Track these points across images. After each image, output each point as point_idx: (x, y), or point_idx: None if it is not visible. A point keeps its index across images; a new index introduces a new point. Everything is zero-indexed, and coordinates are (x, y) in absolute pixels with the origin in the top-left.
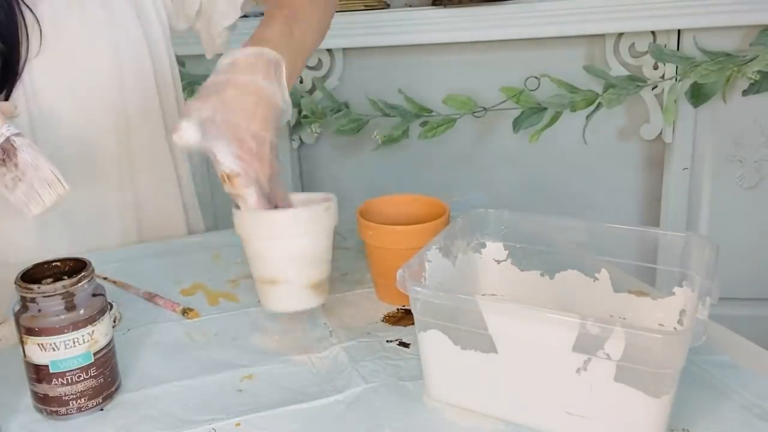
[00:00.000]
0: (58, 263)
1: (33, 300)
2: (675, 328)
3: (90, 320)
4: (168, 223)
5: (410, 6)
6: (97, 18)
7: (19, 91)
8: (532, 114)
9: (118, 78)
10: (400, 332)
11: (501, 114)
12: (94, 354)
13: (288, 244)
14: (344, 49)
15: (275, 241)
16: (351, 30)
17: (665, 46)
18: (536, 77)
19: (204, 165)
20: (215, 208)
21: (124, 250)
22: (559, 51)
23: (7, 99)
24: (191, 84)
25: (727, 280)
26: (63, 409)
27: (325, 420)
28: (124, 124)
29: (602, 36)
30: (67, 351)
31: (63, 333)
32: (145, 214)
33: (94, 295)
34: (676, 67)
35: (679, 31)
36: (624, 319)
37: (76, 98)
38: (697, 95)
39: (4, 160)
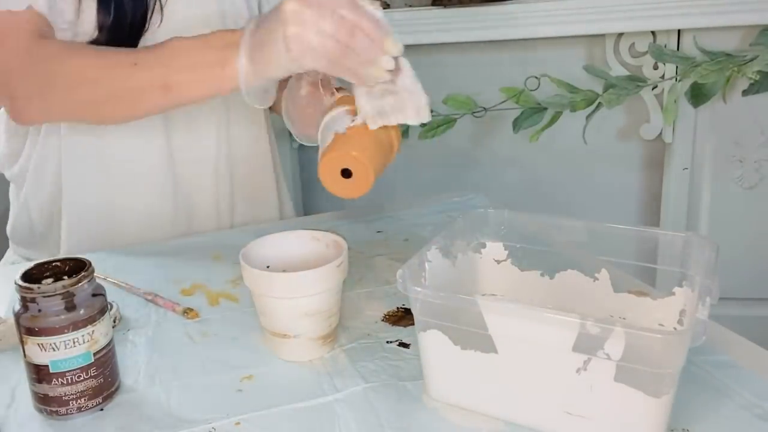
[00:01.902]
0: (58, 263)
1: (33, 300)
2: (675, 328)
3: (90, 320)
4: (262, 200)
5: (410, 6)
6: None
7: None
8: (532, 114)
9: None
10: (400, 332)
11: (501, 114)
12: (94, 354)
13: (300, 303)
14: None
15: (287, 301)
16: None
17: (665, 46)
18: (536, 77)
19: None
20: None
21: (124, 250)
22: (559, 51)
23: None
24: None
25: (727, 280)
26: (63, 409)
27: (325, 420)
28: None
29: (602, 36)
30: (67, 351)
31: (63, 333)
32: (238, 186)
33: (94, 295)
34: (676, 67)
35: (679, 31)
36: (624, 319)
37: None
38: (697, 95)
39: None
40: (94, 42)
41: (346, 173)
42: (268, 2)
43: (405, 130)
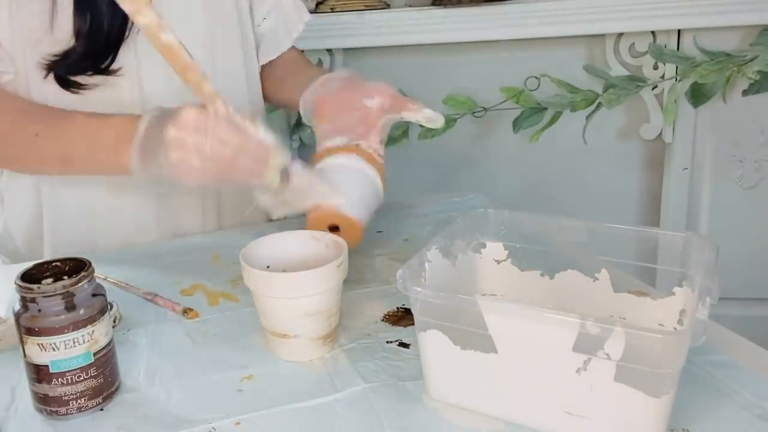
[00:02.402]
0: (58, 263)
1: (33, 300)
2: (675, 328)
3: (90, 320)
4: (248, 198)
5: (410, 6)
6: None
7: (130, 56)
8: (532, 114)
9: (211, 60)
10: (400, 333)
11: (501, 114)
12: (94, 354)
13: (300, 303)
14: (344, 49)
15: (287, 301)
16: (351, 30)
17: (665, 46)
18: (536, 77)
19: None
20: None
21: (124, 250)
22: (559, 51)
23: (113, 61)
24: None
25: (727, 280)
26: (63, 409)
27: (325, 419)
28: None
29: (602, 36)
30: (67, 351)
31: (63, 333)
32: (225, 188)
33: (94, 295)
34: (676, 67)
35: (679, 31)
36: (624, 319)
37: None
38: (697, 95)
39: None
40: (71, 51)
41: (334, 228)
42: (260, 7)
43: (405, 130)
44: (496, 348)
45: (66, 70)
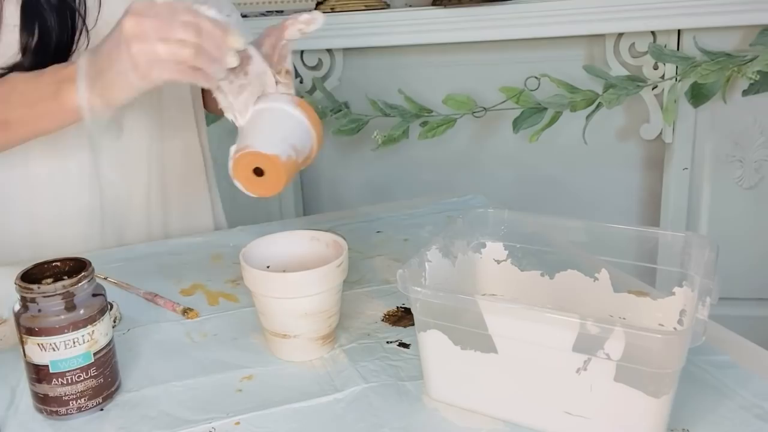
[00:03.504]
0: (58, 263)
1: (33, 300)
2: (675, 328)
3: (90, 320)
4: (196, 212)
5: (410, 6)
6: None
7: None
8: (532, 114)
9: None
10: (400, 333)
11: (501, 114)
12: (94, 354)
13: (300, 303)
14: (344, 49)
15: (287, 301)
16: (351, 30)
17: (665, 46)
18: (536, 77)
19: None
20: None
21: (124, 250)
22: (559, 51)
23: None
24: None
25: (727, 280)
26: (63, 409)
27: (325, 419)
28: (157, 105)
29: (602, 36)
30: (67, 351)
31: (63, 333)
32: (171, 200)
33: (94, 295)
34: (676, 67)
35: (679, 31)
36: (624, 319)
37: None
38: (697, 95)
39: (235, 69)
40: (18, 65)
41: (259, 172)
42: None
43: (405, 130)
44: (496, 348)
45: None
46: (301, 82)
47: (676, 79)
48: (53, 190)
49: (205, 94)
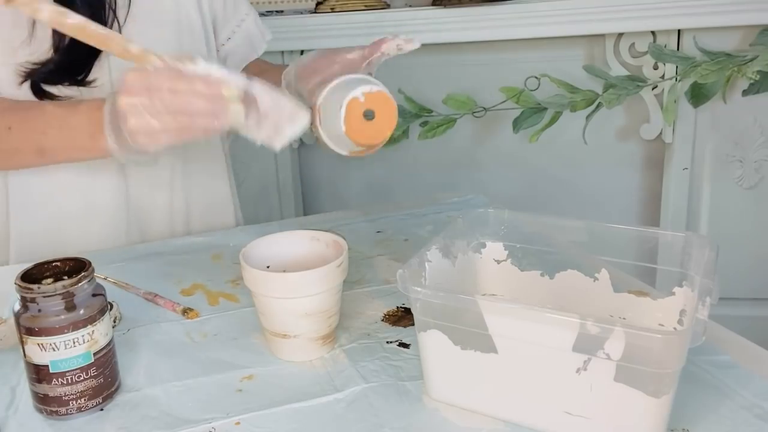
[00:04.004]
0: (58, 263)
1: (33, 300)
2: (675, 328)
3: (90, 320)
4: (218, 208)
5: (410, 6)
6: (168, 11)
7: (104, 68)
8: (532, 114)
9: None
10: (400, 333)
11: (501, 114)
12: (94, 354)
13: (300, 303)
14: None
15: (287, 301)
16: (351, 30)
17: (665, 46)
18: (536, 77)
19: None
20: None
21: (124, 250)
22: (559, 51)
23: (89, 73)
24: None
25: (727, 280)
26: (63, 409)
27: (325, 419)
28: None
29: (602, 36)
30: (67, 351)
31: (63, 333)
32: (194, 197)
33: (94, 295)
34: (676, 67)
35: (679, 31)
36: (624, 319)
37: None
38: (697, 95)
39: (248, 106)
40: (49, 62)
41: (369, 115)
42: (223, 28)
43: (405, 131)
44: (496, 348)
45: (42, 79)
46: None
47: (676, 79)
48: (80, 186)
49: None
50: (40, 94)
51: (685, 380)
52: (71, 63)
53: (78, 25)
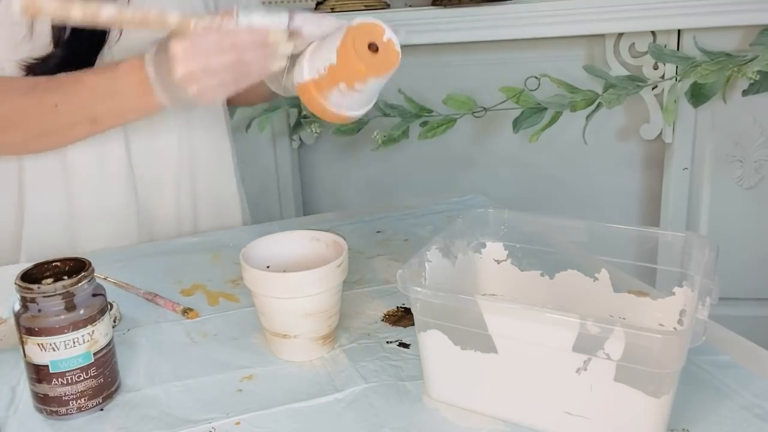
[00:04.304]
0: (58, 263)
1: (33, 300)
2: (675, 328)
3: (90, 320)
4: (225, 207)
5: (410, 6)
6: (172, 3)
7: (107, 60)
8: (532, 114)
9: None
10: (400, 333)
11: (501, 114)
12: (94, 354)
13: (300, 303)
14: None
15: (287, 301)
16: None
17: (665, 46)
18: (536, 77)
19: None
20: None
21: (124, 250)
22: (559, 51)
23: (92, 66)
24: None
25: (727, 280)
26: (63, 409)
27: (325, 419)
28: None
29: (602, 36)
30: (67, 351)
31: (63, 333)
32: (201, 196)
33: (94, 295)
34: (676, 67)
35: (679, 31)
36: (624, 319)
37: None
38: (697, 95)
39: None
40: (50, 57)
41: (373, 47)
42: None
43: (405, 131)
44: (496, 348)
45: (44, 73)
46: None
47: (676, 79)
48: (90, 185)
49: None
50: None
51: (685, 380)
52: (73, 56)
53: (112, 18)
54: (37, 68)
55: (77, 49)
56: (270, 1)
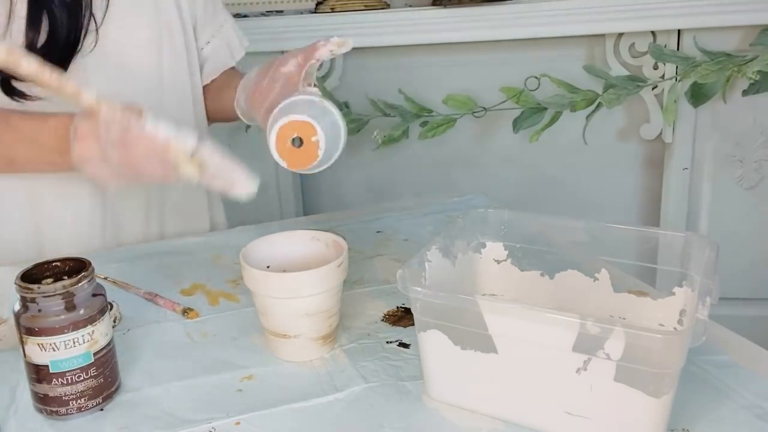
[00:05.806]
0: (58, 263)
1: (33, 300)
2: (675, 328)
3: (90, 320)
4: (192, 212)
5: (410, 6)
6: (147, 12)
7: (79, 68)
8: (532, 114)
9: (158, 77)
10: (400, 333)
11: (501, 114)
12: (94, 354)
13: (300, 303)
14: None
15: (287, 301)
16: (351, 30)
17: (665, 46)
18: (536, 77)
19: None
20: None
21: (124, 250)
22: (559, 51)
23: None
24: None
25: (727, 280)
26: (63, 409)
27: (325, 419)
28: (158, 105)
29: (602, 36)
30: (67, 351)
31: (63, 333)
32: (169, 200)
33: (94, 295)
34: (676, 67)
35: (679, 31)
36: (624, 319)
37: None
38: (697, 95)
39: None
40: None
41: (297, 142)
42: (203, 30)
43: (405, 130)
44: (496, 348)
45: (14, 76)
46: None
47: (676, 79)
48: (57, 189)
49: (207, 100)
50: (10, 93)
51: (685, 380)
52: (46, 61)
53: (32, 72)
54: (8, 71)
55: (49, 56)
56: (271, 1)
